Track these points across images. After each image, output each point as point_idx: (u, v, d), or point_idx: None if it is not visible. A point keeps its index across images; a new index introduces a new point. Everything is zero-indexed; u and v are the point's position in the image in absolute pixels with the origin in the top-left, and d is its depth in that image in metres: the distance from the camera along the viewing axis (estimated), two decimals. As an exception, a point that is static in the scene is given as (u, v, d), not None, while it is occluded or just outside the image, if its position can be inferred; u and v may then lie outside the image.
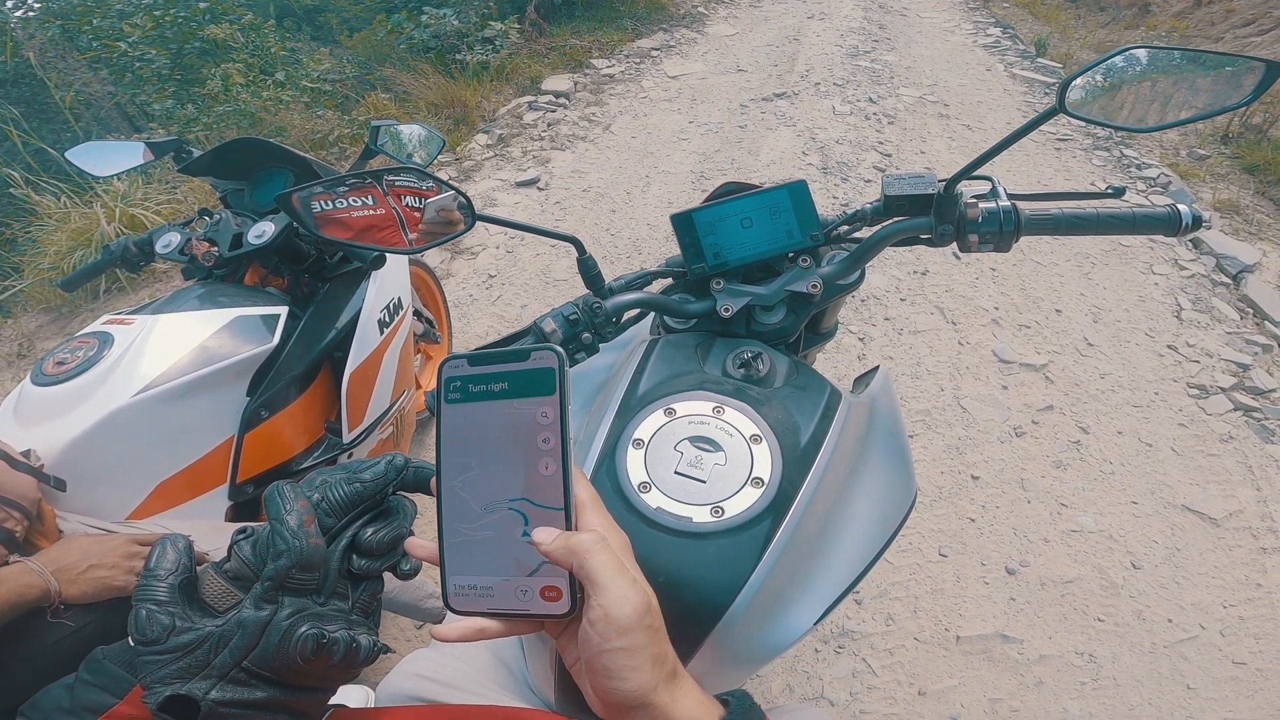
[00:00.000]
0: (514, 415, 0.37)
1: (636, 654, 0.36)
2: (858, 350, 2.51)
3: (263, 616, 0.38)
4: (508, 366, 0.37)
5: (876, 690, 1.57)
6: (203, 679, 0.37)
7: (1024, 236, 0.73)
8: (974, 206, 0.72)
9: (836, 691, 1.57)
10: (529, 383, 0.37)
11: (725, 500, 0.61)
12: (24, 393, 1.10)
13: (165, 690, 0.36)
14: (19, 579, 0.87)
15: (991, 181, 0.74)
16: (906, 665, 1.62)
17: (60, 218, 3.14)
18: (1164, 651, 1.64)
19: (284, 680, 0.39)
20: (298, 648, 0.38)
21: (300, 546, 0.39)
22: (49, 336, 2.86)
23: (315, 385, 1.41)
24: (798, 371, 0.76)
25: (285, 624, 0.38)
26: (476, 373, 0.38)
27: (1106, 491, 2.02)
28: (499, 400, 0.37)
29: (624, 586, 0.36)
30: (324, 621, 0.40)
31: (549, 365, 0.37)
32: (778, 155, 3.84)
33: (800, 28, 6.15)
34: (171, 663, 0.36)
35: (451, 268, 3.02)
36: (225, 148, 1.42)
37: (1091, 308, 2.76)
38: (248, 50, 5.01)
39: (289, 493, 0.41)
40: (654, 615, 0.38)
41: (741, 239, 0.79)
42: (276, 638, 0.38)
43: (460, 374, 0.38)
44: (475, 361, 0.38)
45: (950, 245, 0.75)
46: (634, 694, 0.36)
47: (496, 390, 0.37)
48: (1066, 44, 6.00)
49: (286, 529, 0.39)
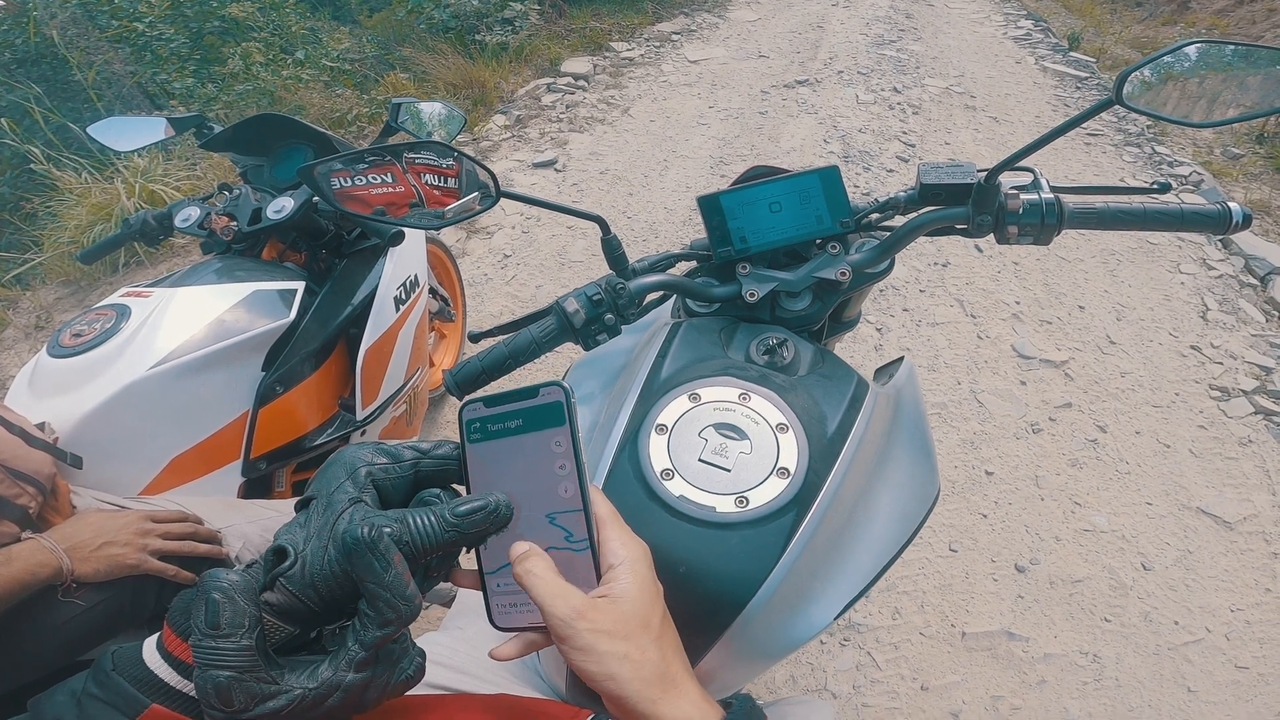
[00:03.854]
0: (531, 447, 0.40)
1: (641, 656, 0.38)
2: (875, 340, 2.48)
3: (363, 679, 0.35)
4: (520, 404, 0.41)
5: (879, 684, 1.57)
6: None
7: (1065, 230, 0.70)
8: (1015, 198, 0.70)
9: (840, 684, 1.57)
10: (541, 417, 0.40)
11: (750, 490, 0.59)
12: (40, 364, 1.10)
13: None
14: (32, 556, 0.86)
15: (1034, 173, 0.72)
16: (911, 660, 1.61)
17: (81, 193, 3.15)
18: (1168, 654, 1.63)
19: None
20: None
21: (410, 612, 0.35)
22: (67, 309, 2.88)
23: (330, 361, 1.40)
24: (823, 360, 0.75)
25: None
26: (493, 413, 0.41)
27: (1121, 491, 2.00)
28: (516, 435, 0.41)
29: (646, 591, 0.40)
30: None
31: (557, 399, 0.40)
32: (798, 143, 3.79)
33: (824, 15, 6.03)
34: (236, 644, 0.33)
35: (467, 246, 3.01)
36: (246, 124, 1.42)
37: (1115, 305, 2.71)
38: (268, 29, 4.99)
39: (382, 544, 0.35)
40: (660, 618, 0.41)
41: (769, 224, 0.77)
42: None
43: (479, 415, 0.42)
44: (491, 403, 0.41)
45: (986, 237, 0.73)
46: (635, 697, 0.38)
47: (513, 427, 0.41)
48: (1101, 39, 5.85)
49: (396, 595, 0.35)
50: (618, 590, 0.39)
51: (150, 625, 1.01)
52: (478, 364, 0.71)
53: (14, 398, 1.09)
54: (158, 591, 0.98)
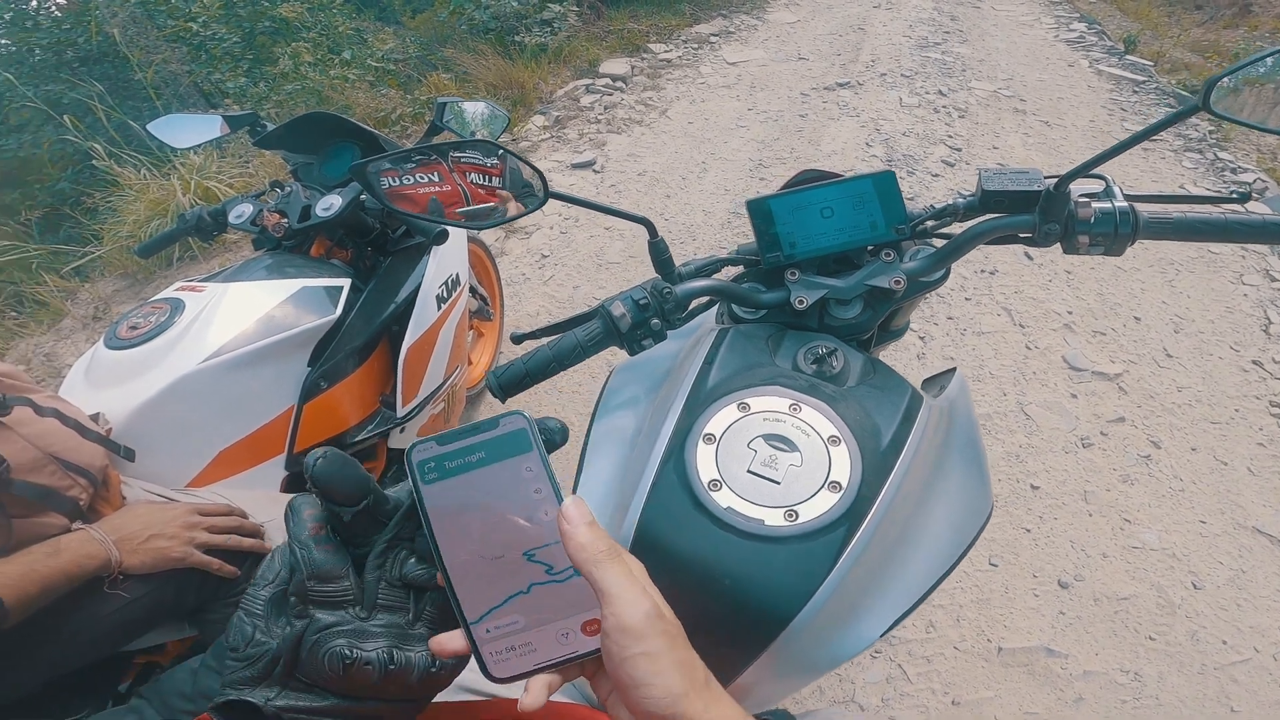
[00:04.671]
0: (498, 477, 0.38)
1: (658, 659, 0.35)
2: (917, 349, 2.42)
3: (292, 632, 0.37)
4: (479, 438, 0.38)
5: (909, 698, 1.54)
6: (267, 687, 0.37)
7: (1139, 240, 0.67)
8: (1086, 206, 0.66)
9: (868, 696, 1.54)
10: (504, 446, 0.38)
11: (800, 504, 0.58)
12: (97, 356, 1.12)
13: (229, 695, 0.36)
14: (81, 548, 0.86)
15: (1105, 180, 0.69)
16: (943, 674, 1.58)
17: (139, 188, 3.27)
18: (1213, 673, 1.58)
19: (342, 692, 0.38)
20: (327, 664, 0.37)
21: (307, 557, 0.37)
22: (124, 301, 2.99)
23: (373, 358, 1.42)
24: (875, 370, 0.73)
25: (313, 639, 0.37)
26: (449, 450, 0.38)
27: (1174, 509, 1.93)
28: (480, 468, 0.38)
29: (634, 594, 0.35)
30: (361, 638, 0.37)
31: (519, 428, 0.38)
32: (839, 146, 3.73)
33: (865, 17, 5.93)
34: (243, 670, 0.36)
35: (505, 246, 3.03)
36: (297, 122, 1.45)
37: (1173, 317, 2.60)
38: (316, 29, 5.12)
39: (299, 503, 0.39)
40: (667, 622, 0.37)
41: (821, 229, 0.75)
42: (305, 654, 0.37)
43: (432, 455, 0.38)
44: (444, 441, 0.38)
45: (1052, 246, 0.70)
46: (663, 700, 0.35)
47: (474, 461, 0.38)
48: (1159, 42, 5.62)
49: (295, 541, 0.38)
50: (623, 618, 0.36)
51: (190, 618, 1.01)
52: (522, 366, 0.71)
53: (69, 388, 1.12)
54: (199, 585, 0.98)
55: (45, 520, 0.88)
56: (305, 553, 0.37)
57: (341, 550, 0.39)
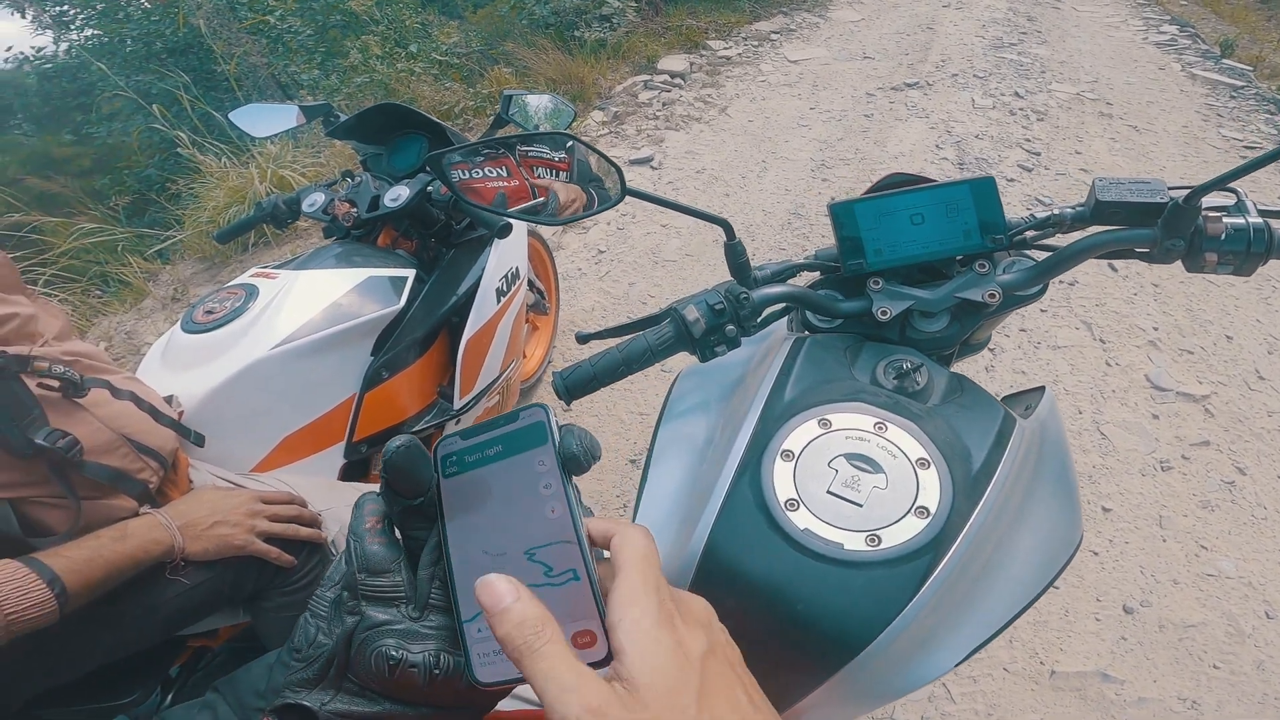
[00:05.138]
0: (512, 470, 0.37)
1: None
2: (986, 361, 2.32)
3: (344, 630, 0.36)
4: (500, 431, 0.38)
5: (950, 718, 1.49)
6: (323, 690, 0.35)
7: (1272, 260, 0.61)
8: (1216, 221, 0.60)
9: (908, 714, 1.50)
10: (522, 440, 0.37)
11: (884, 529, 0.54)
12: (173, 339, 1.15)
13: (287, 697, 0.35)
14: (148, 533, 0.86)
15: (1238, 194, 0.62)
16: (988, 695, 1.52)
17: (219, 176, 3.42)
18: (1274, 702, 1.50)
19: (395, 697, 0.36)
20: (374, 664, 0.35)
21: (359, 549, 0.36)
22: (201, 284, 3.13)
23: (433, 349, 1.44)
24: (962, 388, 0.68)
25: (362, 637, 0.35)
26: (470, 444, 0.38)
27: (1255, 537, 1.83)
28: (495, 462, 0.38)
29: (572, 685, 0.29)
30: (411, 639, 0.35)
31: (538, 420, 0.37)
32: (907, 148, 3.60)
33: (934, 16, 5.72)
34: (302, 671, 0.35)
35: (562, 240, 3.04)
36: (368, 113, 1.47)
37: (1268, 337, 2.43)
38: (384, 23, 5.25)
39: (364, 499, 0.38)
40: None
41: (910, 236, 0.70)
42: (354, 653, 0.35)
43: (455, 449, 0.38)
44: (467, 435, 0.39)
45: (1173, 263, 0.64)
46: None
47: (491, 455, 0.38)
48: (1257, 46, 5.25)
49: (351, 533, 0.37)
50: (634, 672, 0.29)
51: (245, 605, 1.02)
52: (589, 369, 0.69)
53: (146, 369, 1.14)
54: (257, 573, 0.98)
55: (114, 503, 0.88)
56: (359, 544, 0.36)
57: (395, 544, 0.37)
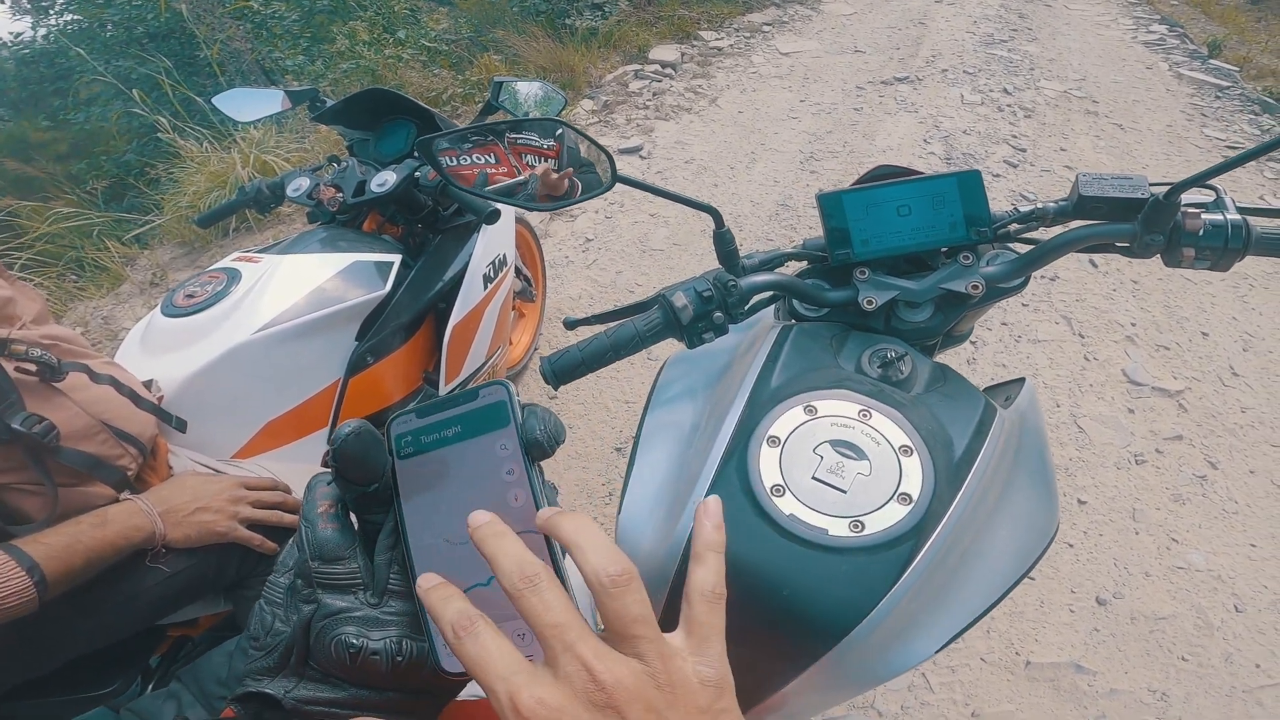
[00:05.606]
0: (473, 454, 0.35)
1: None
2: (968, 354, 2.35)
3: (300, 618, 0.35)
4: (458, 410, 0.36)
5: (929, 707, 1.52)
6: (285, 677, 0.35)
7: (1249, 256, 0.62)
8: (1195, 217, 0.61)
9: (888, 703, 1.53)
10: (482, 420, 0.36)
11: (867, 515, 0.55)
12: (153, 322, 1.13)
13: (249, 686, 0.34)
14: (128, 519, 0.84)
15: (1217, 191, 0.63)
16: (966, 685, 1.56)
17: (200, 161, 3.36)
18: (1241, 696, 1.55)
19: (360, 683, 0.35)
20: (334, 653, 0.34)
21: (311, 535, 0.35)
22: (181, 268, 3.08)
23: (418, 335, 1.43)
24: (944, 378, 0.69)
25: (320, 625, 0.35)
26: (427, 423, 0.36)
27: (1225, 531, 1.88)
28: (454, 444, 0.36)
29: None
30: (371, 626, 0.35)
31: (499, 399, 0.36)
32: (895, 141, 3.62)
33: (926, 11, 5.74)
34: (262, 659, 0.35)
35: (550, 228, 3.03)
36: (355, 98, 1.45)
37: (1243, 334, 2.48)
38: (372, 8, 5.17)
39: (316, 480, 0.37)
40: None
41: (896, 227, 0.71)
42: (314, 641, 0.35)
43: (410, 428, 0.36)
44: (423, 413, 0.36)
45: (1151, 258, 0.65)
46: None
47: (450, 435, 0.36)
48: (1245, 47, 5.32)
49: (304, 519, 0.36)
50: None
51: (227, 593, 1.01)
52: (578, 354, 0.69)
53: (125, 353, 1.12)
54: (239, 560, 0.97)
55: (92, 490, 0.87)
56: (310, 530, 0.35)
57: (349, 530, 0.36)
